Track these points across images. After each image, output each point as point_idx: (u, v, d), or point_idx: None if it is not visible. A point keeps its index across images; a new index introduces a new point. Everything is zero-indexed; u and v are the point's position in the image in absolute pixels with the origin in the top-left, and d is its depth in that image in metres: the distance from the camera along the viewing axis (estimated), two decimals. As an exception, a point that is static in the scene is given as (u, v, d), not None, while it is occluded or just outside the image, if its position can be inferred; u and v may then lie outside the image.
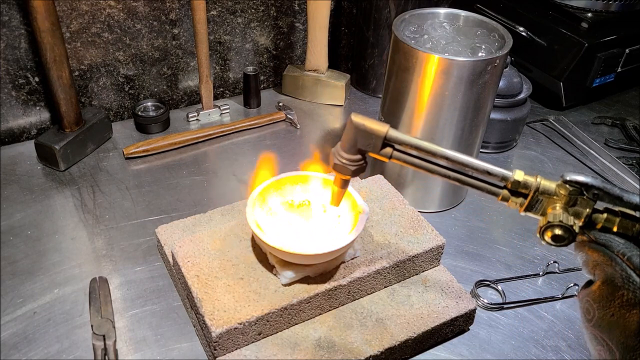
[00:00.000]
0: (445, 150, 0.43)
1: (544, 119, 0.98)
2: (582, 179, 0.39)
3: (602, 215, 0.39)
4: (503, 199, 0.43)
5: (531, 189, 0.41)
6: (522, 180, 0.41)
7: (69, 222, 0.71)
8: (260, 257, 0.57)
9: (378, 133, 0.44)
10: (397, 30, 0.67)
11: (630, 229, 0.38)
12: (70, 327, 0.58)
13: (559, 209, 0.40)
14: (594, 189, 0.38)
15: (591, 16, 0.97)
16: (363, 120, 0.44)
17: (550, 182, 0.41)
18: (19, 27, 0.78)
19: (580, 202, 0.39)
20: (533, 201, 0.41)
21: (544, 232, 0.40)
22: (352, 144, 0.45)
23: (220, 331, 0.50)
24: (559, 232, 0.39)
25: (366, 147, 0.45)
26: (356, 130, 0.44)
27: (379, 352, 0.54)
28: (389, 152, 0.45)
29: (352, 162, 0.46)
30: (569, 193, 0.39)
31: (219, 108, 0.92)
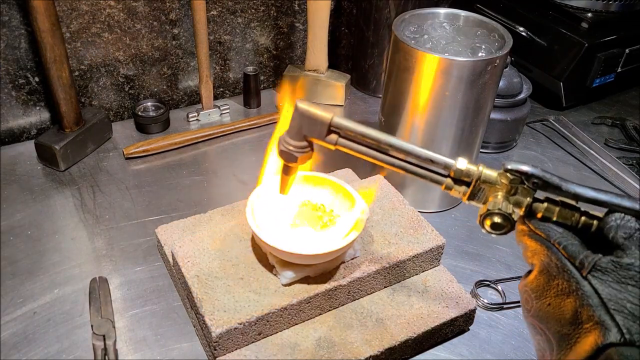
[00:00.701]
0: (389, 138, 0.43)
1: (544, 119, 0.98)
2: (521, 168, 0.39)
3: (542, 205, 0.39)
4: (447, 188, 0.43)
5: (473, 178, 0.41)
6: (464, 169, 0.42)
7: (69, 222, 0.71)
8: (260, 257, 0.57)
9: (323, 119, 0.44)
10: (397, 30, 0.67)
11: (569, 218, 0.38)
12: (70, 327, 0.58)
13: (499, 198, 0.40)
14: (534, 177, 0.39)
15: (591, 16, 0.97)
16: (308, 107, 0.44)
17: (492, 170, 0.41)
18: (19, 27, 0.78)
19: (521, 191, 0.40)
20: (475, 190, 0.42)
21: (484, 220, 0.41)
22: (298, 130, 0.45)
23: (220, 331, 0.50)
24: (498, 220, 0.40)
25: (311, 133, 0.45)
26: (301, 116, 0.45)
27: (379, 352, 0.54)
28: (334, 139, 0.45)
29: (297, 149, 0.46)
30: (510, 182, 0.40)
31: (219, 108, 0.92)
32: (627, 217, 0.36)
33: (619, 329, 0.32)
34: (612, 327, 0.33)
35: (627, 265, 0.34)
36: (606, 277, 0.34)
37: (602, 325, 0.33)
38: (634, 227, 0.36)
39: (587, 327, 0.34)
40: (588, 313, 0.34)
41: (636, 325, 0.32)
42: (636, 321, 0.32)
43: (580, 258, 0.35)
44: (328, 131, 0.45)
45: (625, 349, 0.32)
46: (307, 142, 0.46)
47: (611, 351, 0.32)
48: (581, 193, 0.38)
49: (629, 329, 0.32)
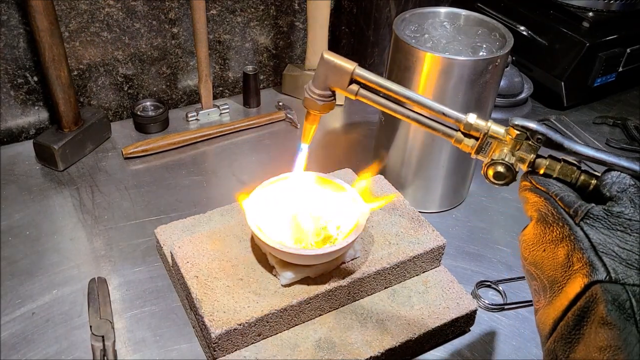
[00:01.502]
0: (406, 91, 0.47)
1: (545, 118, 0.97)
2: (527, 124, 0.41)
3: (544, 161, 0.42)
4: (457, 141, 0.46)
5: (482, 132, 0.44)
6: (473, 123, 0.44)
7: (67, 222, 0.71)
8: (260, 257, 0.57)
9: (346, 69, 0.47)
10: (397, 30, 0.66)
11: (569, 175, 0.41)
12: (69, 328, 0.58)
13: (505, 151, 0.43)
14: (538, 134, 0.41)
15: (592, 15, 0.97)
16: (333, 57, 0.48)
17: (499, 126, 0.44)
18: (17, 27, 0.78)
19: (526, 147, 0.42)
20: (483, 143, 0.44)
21: (487, 169, 0.44)
22: (323, 79, 0.49)
23: (219, 332, 0.50)
24: (501, 169, 0.43)
25: (335, 83, 0.48)
26: (326, 66, 0.48)
27: (380, 353, 0.54)
28: (355, 89, 0.48)
29: (321, 97, 0.50)
30: (516, 137, 0.42)
31: (219, 108, 0.92)
32: (622, 175, 0.39)
33: (605, 268, 0.35)
34: (599, 267, 0.35)
35: (617, 213, 0.37)
36: (597, 224, 0.37)
37: (591, 265, 0.36)
38: (628, 183, 0.38)
39: (576, 268, 0.36)
40: (578, 256, 0.37)
41: (622, 266, 0.35)
42: (622, 263, 0.35)
43: (575, 207, 0.38)
44: (350, 81, 0.48)
45: (610, 285, 0.34)
46: (330, 91, 0.50)
47: (596, 287, 0.35)
48: (581, 151, 0.41)
49: (614, 269, 0.35)
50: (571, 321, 0.36)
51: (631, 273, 0.35)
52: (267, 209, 0.58)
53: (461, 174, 0.74)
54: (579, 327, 0.35)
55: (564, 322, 0.36)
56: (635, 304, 0.33)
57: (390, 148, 0.74)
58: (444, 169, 0.72)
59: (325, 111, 0.51)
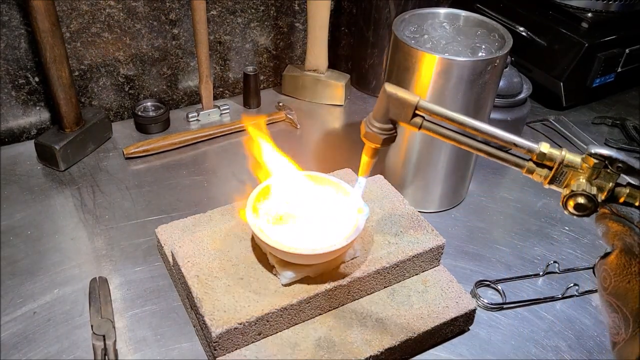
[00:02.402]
0: (473, 122, 0.45)
1: (544, 119, 0.98)
2: (606, 152, 0.40)
3: (624, 189, 0.40)
4: (528, 171, 0.44)
5: (556, 161, 0.42)
6: (547, 152, 0.42)
7: (69, 222, 0.71)
8: (260, 257, 0.57)
9: (409, 102, 0.46)
10: (397, 30, 0.67)
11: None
12: (70, 327, 0.58)
13: (582, 180, 0.41)
14: (618, 162, 0.39)
15: (591, 16, 0.97)
16: (395, 90, 0.46)
17: (575, 155, 0.42)
18: (18, 27, 0.78)
19: (604, 175, 0.40)
20: (557, 173, 0.42)
21: (567, 201, 0.41)
22: (384, 112, 0.47)
23: (220, 331, 0.50)
24: (582, 200, 0.41)
25: (397, 116, 0.46)
26: (389, 99, 0.46)
27: (379, 352, 0.54)
28: (418, 122, 0.46)
29: (383, 131, 0.48)
30: (593, 166, 0.40)
31: (219, 108, 0.92)
32: None
33: None
34: None
35: None
36: None
37: None
38: None
39: None
40: None
41: None
42: None
43: None
44: (413, 114, 0.46)
45: None
46: (392, 124, 0.48)
47: None
48: None
49: None
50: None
51: None
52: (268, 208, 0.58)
53: (460, 173, 0.75)
54: None
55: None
56: None
57: (390, 148, 0.74)
58: (444, 169, 0.72)
59: (387, 145, 0.49)
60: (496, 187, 0.82)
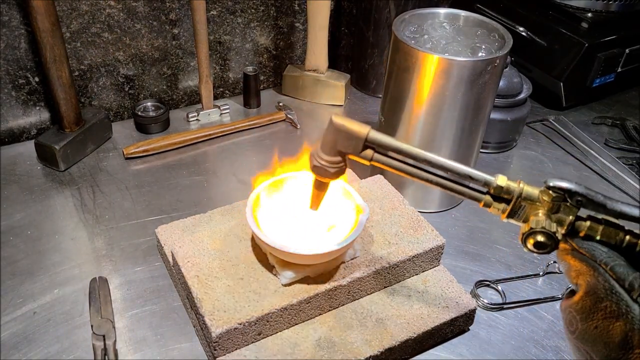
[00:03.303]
0: (427, 154, 0.42)
1: (544, 119, 0.98)
2: (565, 185, 0.38)
3: (585, 223, 0.38)
4: (485, 205, 0.42)
5: (514, 195, 0.40)
6: (504, 186, 0.40)
7: (68, 222, 0.71)
8: (260, 257, 0.57)
9: (359, 134, 0.43)
10: (397, 30, 0.67)
11: (613, 237, 0.37)
12: (70, 327, 0.58)
13: (541, 216, 0.39)
14: (578, 195, 0.38)
15: (591, 16, 0.97)
16: (344, 122, 0.43)
17: (533, 188, 0.40)
18: (19, 27, 0.78)
19: (564, 208, 0.39)
20: (516, 207, 0.41)
21: (527, 239, 0.39)
22: (332, 145, 0.44)
23: (220, 331, 0.50)
24: (542, 239, 0.39)
25: (346, 148, 0.44)
26: (337, 131, 0.44)
27: (379, 352, 0.54)
28: (369, 155, 0.44)
29: (331, 164, 0.45)
30: (552, 199, 0.39)
31: (219, 108, 0.92)
32: None
33: None
34: None
35: None
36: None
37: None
38: None
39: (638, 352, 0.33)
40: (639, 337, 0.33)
41: None
42: None
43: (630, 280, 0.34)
44: (363, 147, 0.44)
45: None
46: (341, 157, 0.45)
47: None
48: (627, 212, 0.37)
49: None
50: None
51: None
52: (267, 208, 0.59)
53: (460, 174, 0.75)
54: None
55: None
56: None
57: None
58: (444, 169, 0.72)
59: (336, 177, 0.47)
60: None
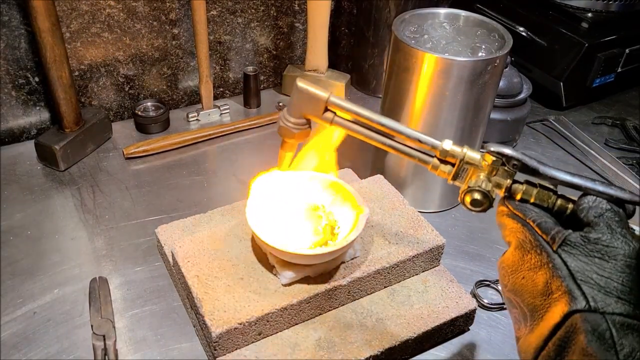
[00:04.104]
0: (381, 118, 0.46)
1: (544, 119, 0.98)
2: (503, 150, 0.41)
3: (521, 186, 0.41)
4: (433, 168, 0.46)
5: (457, 158, 0.44)
6: (449, 150, 0.44)
7: (69, 222, 0.71)
8: (260, 257, 0.57)
9: (320, 97, 0.47)
10: (397, 30, 0.67)
11: (546, 200, 0.41)
12: (70, 327, 0.58)
13: (481, 177, 0.43)
14: (514, 160, 0.41)
15: (591, 16, 0.97)
16: (307, 85, 0.47)
17: (475, 152, 0.44)
18: (19, 27, 0.78)
19: (502, 172, 0.42)
20: (459, 170, 0.44)
21: (465, 196, 0.43)
22: (297, 108, 0.49)
23: (220, 331, 0.50)
24: (478, 196, 0.42)
25: (309, 111, 0.48)
26: (300, 94, 0.48)
27: (379, 352, 0.54)
28: (330, 117, 0.48)
29: (296, 125, 0.49)
30: (492, 163, 0.42)
31: (219, 108, 0.92)
32: (598, 199, 0.38)
33: (584, 297, 0.35)
34: (578, 295, 0.35)
35: (594, 239, 0.36)
36: (575, 250, 0.36)
37: (570, 294, 0.35)
38: (604, 208, 0.38)
39: (556, 296, 0.36)
40: (557, 284, 0.36)
41: (600, 295, 0.35)
42: (601, 291, 0.35)
43: (552, 234, 0.38)
44: (324, 109, 0.48)
45: (589, 315, 0.34)
46: (305, 119, 0.49)
47: (576, 317, 0.34)
48: (557, 176, 0.40)
49: (593, 297, 0.34)
50: (552, 351, 0.35)
51: (610, 301, 0.34)
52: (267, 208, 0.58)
53: (460, 174, 0.75)
54: (560, 357, 0.35)
55: (545, 352, 0.36)
56: (615, 333, 0.33)
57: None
58: (444, 169, 0.72)
59: (301, 139, 0.51)
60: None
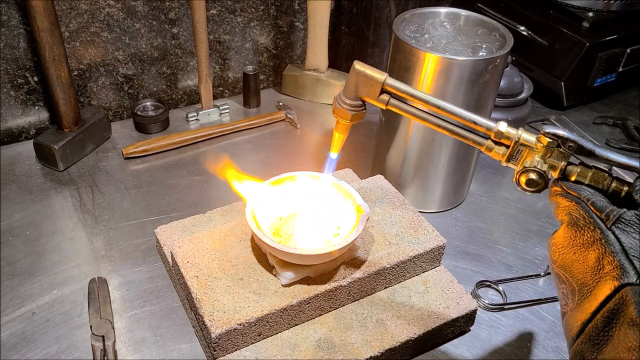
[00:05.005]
0: (437, 100, 0.47)
1: (545, 118, 0.97)
2: (559, 132, 0.42)
3: (575, 168, 0.42)
4: (487, 149, 0.46)
5: (512, 140, 0.44)
6: (504, 131, 0.44)
7: (68, 222, 0.71)
8: (260, 257, 0.57)
9: (377, 79, 0.48)
10: (397, 30, 0.66)
11: (601, 182, 0.41)
12: (69, 328, 0.58)
13: (536, 158, 0.43)
14: (570, 141, 0.42)
15: (592, 15, 0.97)
16: (364, 68, 0.48)
17: (530, 134, 0.44)
18: (17, 27, 0.78)
19: (557, 154, 0.43)
20: (514, 151, 0.45)
21: (520, 177, 0.44)
22: (353, 89, 0.49)
23: (219, 332, 0.50)
24: (533, 176, 0.43)
25: (366, 93, 0.49)
26: (357, 76, 0.48)
27: (380, 352, 0.54)
28: (385, 99, 0.48)
29: (352, 107, 0.50)
30: (547, 145, 0.42)
31: (219, 108, 0.92)
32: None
33: (636, 271, 0.35)
34: (630, 269, 0.36)
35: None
36: (629, 228, 0.37)
37: (622, 268, 0.36)
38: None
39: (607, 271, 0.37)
40: (609, 259, 0.37)
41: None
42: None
43: (607, 211, 0.38)
44: (381, 91, 0.48)
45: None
46: (361, 101, 0.50)
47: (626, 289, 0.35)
48: (613, 158, 0.41)
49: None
50: (600, 323, 0.36)
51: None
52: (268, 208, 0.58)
53: (461, 173, 0.74)
54: (607, 328, 0.36)
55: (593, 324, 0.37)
56: None
57: (390, 148, 0.74)
58: (444, 169, 0.72)
59: (356, 121, 0.51)
60: (497, 187, 0.82)
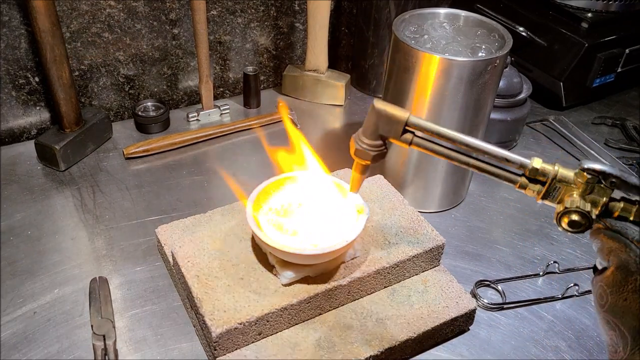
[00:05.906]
0: (464, 137, 0.44)
1: (544, 119, 0.98)
2: (600, 167, 0.39)
3: (619, 204, 0.40)
4: (521, 187, 0.43)
5: (549, 177, 0.42)
6: (540, 168, 0.42)
7: (69, 222, 0.71)
8: (260, 257, 0.57)
9: (399, 119, 0.45)
10: (397, 30, 0.67)
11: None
12: (70, 327, 0.58)
13: (576, 196, 0.41)
14: (612, 177, 0.39)
15: (591, 16, 0.97)
16: (385, 106, 0.45)
17: (568, 170, 0.41)
18: (19, 27, 0.78)
19: (598, 190, 0.40)
20: (550, 189, 0.42)
21: (561, 218, 0.41)
22: (374, 129, 0.46)
23: (220, 331, 0.50)
24: (576, 217, 0.40)
25: (387, 132, 0.46)
26: (378, 115, 0.45)
27: (379, 352, 0.54)
28: (409, 138, 0.46)
29: (372, 148, 0.47)
30: (587, 181, 0.40)
31: (219, 108, 0.92)
32: None
33: None
34: None
35: None
36: None
37: None
38: None
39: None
40: None
41: None
42: None
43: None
44: (403, 130, 0.46)
45: None
46: (382, 141, 0.47)
47: None
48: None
49: None
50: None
51: None
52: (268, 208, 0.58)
53: (460, 174, 0.75)
54: None
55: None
56: None
57: (389, 148, 0.74)
58: (444, 169, 0.72)
59: (377, 161, 0.49)
60: (496, 187, 0.82)
